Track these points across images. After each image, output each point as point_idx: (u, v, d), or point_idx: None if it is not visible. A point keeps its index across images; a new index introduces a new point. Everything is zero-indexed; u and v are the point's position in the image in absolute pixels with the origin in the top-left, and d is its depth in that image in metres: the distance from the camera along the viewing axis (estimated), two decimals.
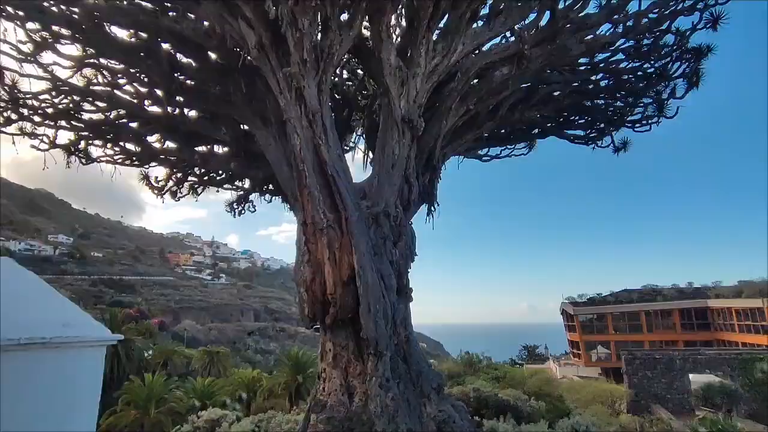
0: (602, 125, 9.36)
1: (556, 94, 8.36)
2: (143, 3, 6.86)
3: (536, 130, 9.61)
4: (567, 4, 7.01)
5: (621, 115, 9.16)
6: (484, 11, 7.32)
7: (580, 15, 7.03)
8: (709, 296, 39.71)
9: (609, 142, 9.42)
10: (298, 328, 62.28)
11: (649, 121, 9.03)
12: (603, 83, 8.74)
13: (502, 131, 9.29)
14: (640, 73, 8.44)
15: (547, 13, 6.83)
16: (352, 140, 9.83)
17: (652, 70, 8.36)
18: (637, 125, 9.14)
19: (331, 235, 5.93)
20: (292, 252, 6.68)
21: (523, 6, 6.84)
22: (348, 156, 9.04)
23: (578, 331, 40.23)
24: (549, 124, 9.43)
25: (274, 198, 9.48)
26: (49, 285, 5.49)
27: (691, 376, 23.64)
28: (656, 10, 7.18)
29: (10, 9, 6.61)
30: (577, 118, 9.45)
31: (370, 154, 8.17)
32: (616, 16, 7.13)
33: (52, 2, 6.58)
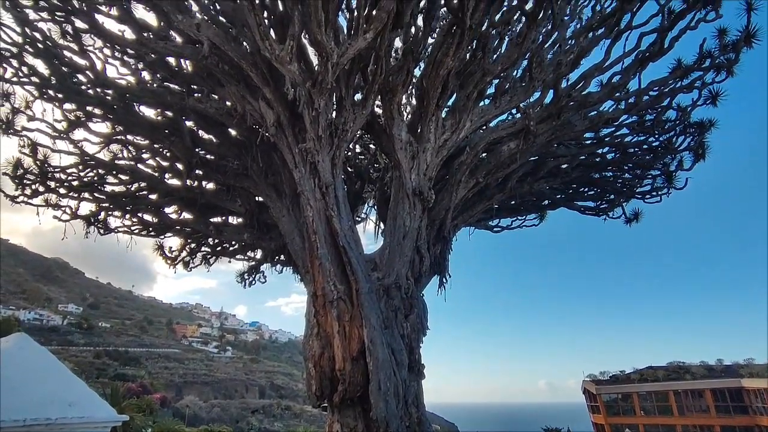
0: (612, 196, 9.42)
1: (563, 166, 8.53)
2: (171, 85, 7.41)
3: (546, 202, 9.69)
4: (569, 83, 7.37)
5: (630, 186, 9.24)
6: (491, 90, 7.74)
7: (583, 93, 7.36)
8: (742, 375, 37.14)
9: (620, 213, 9.44)
10: (304, 407, 59.09)
11: (659, 193, 9.08)
12: (610, 156, 8.93)
13: (512, 203, 9.38)
14: (645, 146, 8.64)
15: (551, 91, 7.16)
16: (364, 211, 9.99)
17: (658, 143, 8.57)
18: (647, 197, 9.18)
19: (341, 307, 5.82)
20: (301, 324, 6.55)
21: (527, 86, 7.21)
22: (359, 227, 9.15)
23: (603, 413, 37.44)
24: (558, 196, 9.53)
25: (285, 269, 9.48)
26: (56, 358, 5.37)
27: None
28: (656, 88, 7.49)
29: (51, 92, 7.17)
30: (586, 189, 9.54)
31: (382, 225, 8.24)
32: (617, 94, 7.44)
33: (89, 85, 7.13)
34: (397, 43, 7.40)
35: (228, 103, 6.98)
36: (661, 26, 6.84)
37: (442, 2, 6.53)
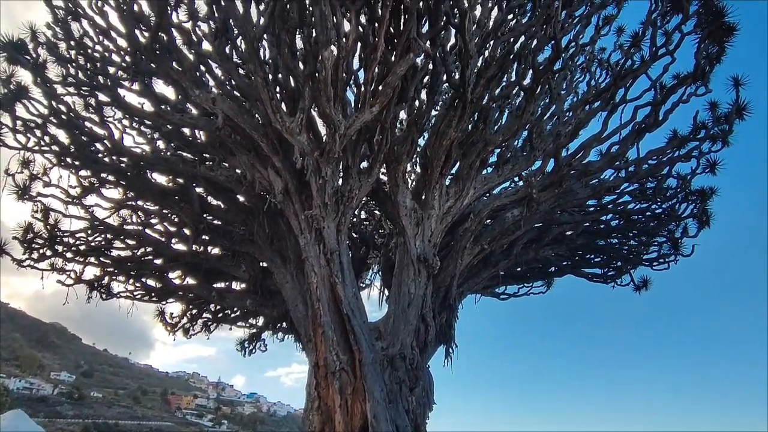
0: (619, 263, 9.31)
1: (568, 233, 8.53)
2: (184, 154, 7.69)
3: (552, 269, 9.58)
4: (569, 153, 7.57)
5: (637, 253, 9.16)
6: (493, 159, 7.96)
7: (583, 162, 7.53)
8: None
9: (628, 280, 9.28)
10: None
11: (666, 260, 8.97)
12: (614, 223, 8.94)
13: (518, 270, 9.28)
14: (649, 213, 8.67)
15: (552, 161, 7.35)
16: (368, 277, 9.91)
17: (661, 210, 8.61)
18: (655, 264, 9.06)
19: (343, 379, 5.57)
20: (301, 396, 6.26)
21: (529, 155, 7.43)
22: (363, 293, 9.02)
23: None
24: (565, 263, 9.44)
25: (286, 337, 9.24)
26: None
27: None
28: (654, 158, 7.66)
29: (69, 159, 7.45)
30: (592, 256, 9.46)
31: (386, 292, 8.12)
32: (617, 163, 7.60)
33: (105, 153, 7.42)
34: (402, 114, 7.76)
35: (238, 171, 7.20)
36: (654, 100, 7.14)
37: (444, 78, 6.93)
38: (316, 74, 5.50)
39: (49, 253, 7.95)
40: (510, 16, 7.44)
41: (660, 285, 9.13)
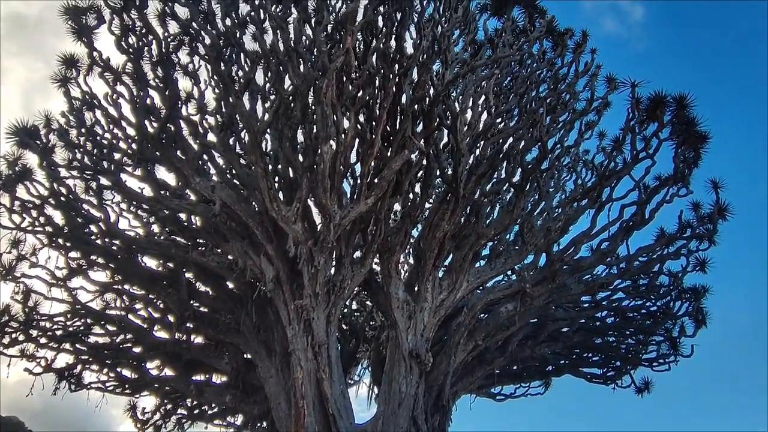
0: (618, 363, 8.97)
1: (564, 330, 8.32)
2: (177, 239, 7.68)
3: (550, 368, 9.18)
4: (560, 248, 7.65)
5: (635, 353, 8.87)
6: (486, 252, 8.01)
7: (575, 258, 7.58)
8: None
9: (629, 381, 8.87)
10: None
11: (666, 360, 8.67)
12: (610, 320, 8.77)
13: (515, 368, 8.89)
14: (644, 311, 8.55)
15: (544, 255, 7.40)
16: (357, 373, 9.42)
17: (656, 308, 8.50)
18: (655, 364, 8.74)
19: None
20: None
21: (521, 249, 7.49)
22: (351, 390, 8.52)
23: None
24: (562, 362, 9.07)
25: None
26: None
27: None
28: (645, 255, 7.74)
29: (60, 240, 7.39)
30: (590, 355, 9.15)
31: (375, 390, 7.67)
32: (608, 259, 7.65)
33: (98, 235, 7.39)
34: (396, 206, 7.94)
35: (230, 257, 7.13)
36: (639, 200, 7.38)
37: (438, 174, 7.23)
38: (315, 166, 5.73)
39: (21, 337, 7.53)
40: (498, 120, 7.98)
41: (666, 384, 8.71)
